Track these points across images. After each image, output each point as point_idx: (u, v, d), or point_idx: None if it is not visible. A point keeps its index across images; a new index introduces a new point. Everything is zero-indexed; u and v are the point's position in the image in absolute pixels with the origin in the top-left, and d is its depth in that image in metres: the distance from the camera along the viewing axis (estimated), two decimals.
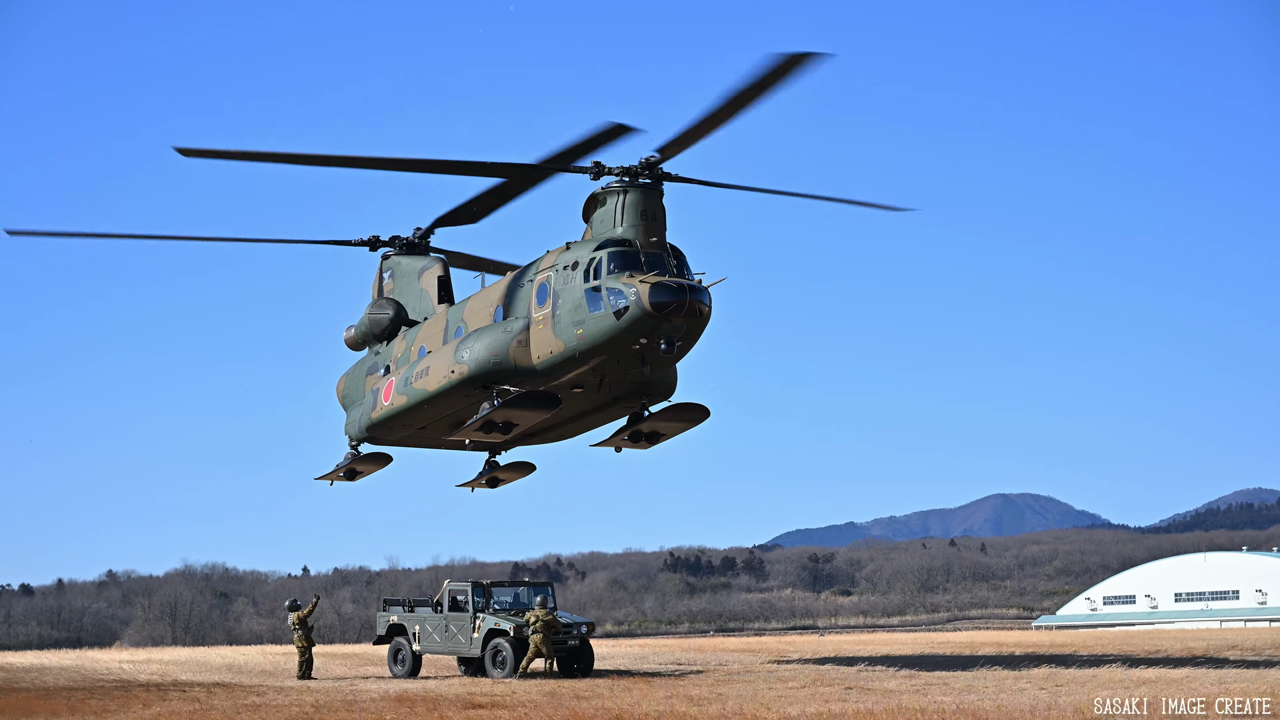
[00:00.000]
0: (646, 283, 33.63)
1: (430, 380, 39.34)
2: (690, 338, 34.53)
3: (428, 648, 40.49)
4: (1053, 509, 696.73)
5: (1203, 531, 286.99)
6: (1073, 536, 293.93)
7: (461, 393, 38.43)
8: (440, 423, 40.85)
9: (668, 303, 33.44)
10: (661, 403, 38.51)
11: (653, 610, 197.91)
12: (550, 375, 36.57)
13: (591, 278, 34.67)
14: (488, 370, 37.26)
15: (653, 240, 34.85)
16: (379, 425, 42.46)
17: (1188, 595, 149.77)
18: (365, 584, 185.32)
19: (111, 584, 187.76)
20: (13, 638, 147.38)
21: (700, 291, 33.98)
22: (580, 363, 35.72)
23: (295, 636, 39.76)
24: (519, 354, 36.66)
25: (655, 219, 35.10)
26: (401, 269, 44.60)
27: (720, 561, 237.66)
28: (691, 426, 38.92)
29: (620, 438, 39.10)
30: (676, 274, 34.36)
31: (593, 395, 37.98)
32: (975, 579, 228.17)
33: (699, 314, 33.92)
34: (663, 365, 35.97)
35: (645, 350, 34.63)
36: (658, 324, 33.69)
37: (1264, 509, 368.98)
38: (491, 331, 37.55)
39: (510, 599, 40.22)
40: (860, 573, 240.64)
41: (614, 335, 34.35)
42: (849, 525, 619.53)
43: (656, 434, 38.90)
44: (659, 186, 35.33)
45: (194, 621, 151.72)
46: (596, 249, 34.87)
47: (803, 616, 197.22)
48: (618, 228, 35.11)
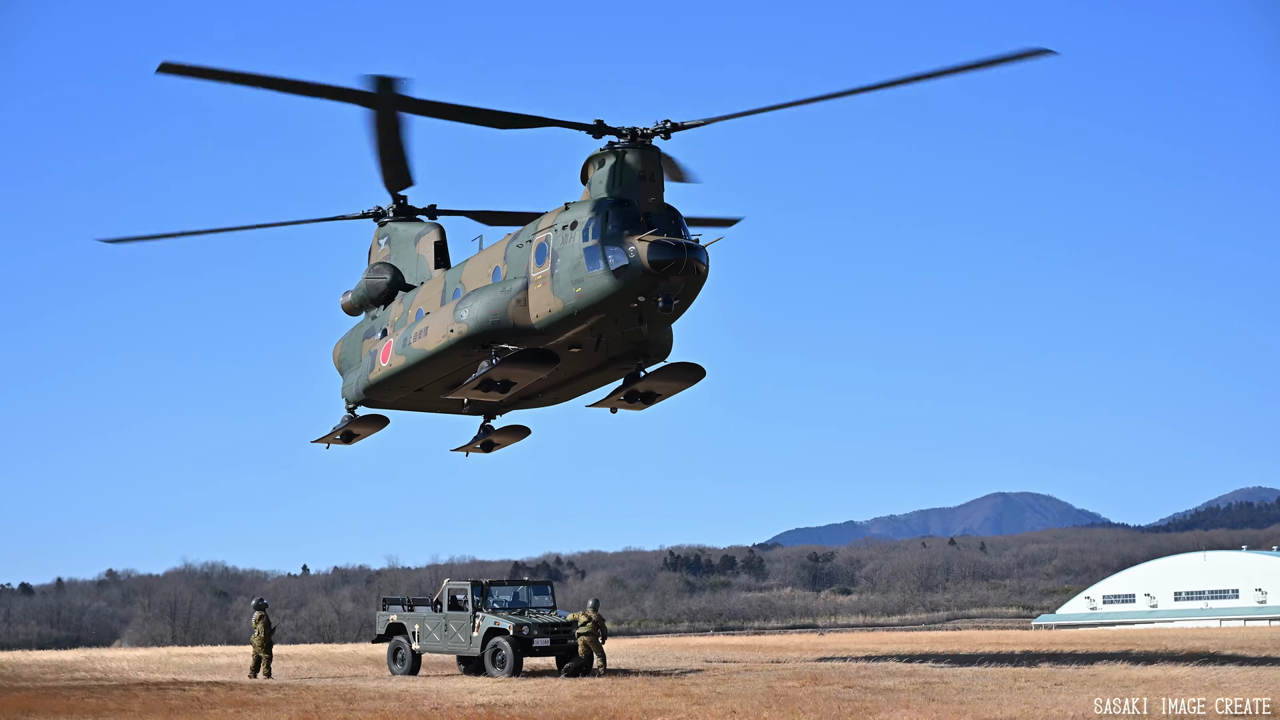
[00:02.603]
0: (645, 241, 34.01)
1: (429, 340, 39.58)
2: (688, 296, 34.98)
3: (427, 647, 40.49)
4: (1052, 508, 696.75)
5: (1202, 530, 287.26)
6: (1072, 535, 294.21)
7: (460, 352, 38.67)
8: (438, 384, 41.10)
9: (666, 260, 33.84)
10: (658, 363, 38.75)
11: (652, 609, 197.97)
12: (549, 334, 36.89)
13: (590, 237, 35.01)
14: (486, 329, 37.53)
15: (651, 200, 35.18)
16: (377, 387, 42.66)
17: (1187, 594, 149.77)
18: (365, 583, 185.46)
19: (111, 583, 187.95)
20: (12, 637, 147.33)
21: (698, 250, 34.39)
22: (579, 321, 36.06)
23: (255, 635, 39.76)
24: (518, 313, 37.01)
25: (654, 179, 35.43)
26: (398, 235, 44.93)
27: (720, 560, 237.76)
28: (687, 387, 39.15)
29: (616, 398, 39.28)
30: (675, 234, 34.68)
31: (590, 355, 38.24)
32: (975, 578, 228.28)
33: (697, 272, 34.35)
34: (660, 324, 36.46)
35: (643, 308, 35.03)
36: (656, 282, 34.10)
37: (1264, 508, 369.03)
38: (490, 291, 37.83)
39: (510, 598, 40.18)
40: (860, 572, 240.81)
41: (612, 293, 34.70)
42: (849, 524, 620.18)
43: (652, 394, 39.06)
44: (657, 148, 35.65)
45: (194, 620, 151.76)
46: (595, 208, 35.25)
47: (802, 615, 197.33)
48: (616, 188, 35.46)
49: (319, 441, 45.62)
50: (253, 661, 39.65)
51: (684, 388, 39.05)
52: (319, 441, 45.62)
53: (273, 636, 40.11)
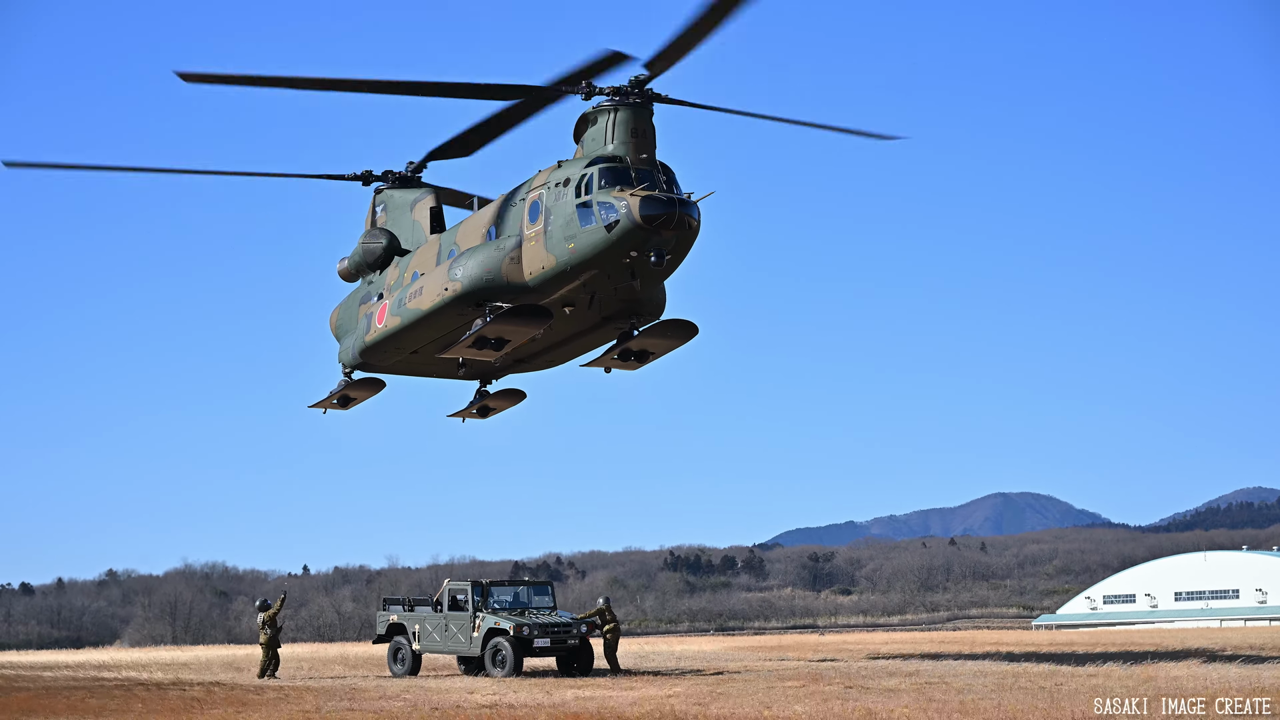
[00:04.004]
0: (637, 196, 34.36)
1: (424, 299, 39.88)
2: (679, 251, 35.21)
3: (427, 647, 40.48)
4: (1053, 508, 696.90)
5: (1203, 530, 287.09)
6: (1073, 535, 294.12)
7: (455, 310, 38.97)
8: (433, 345, 41.36)
9: (657, 215, 34.16)
10: (650, 322, 38.97)
11: (653, 609, 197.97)
12: (542, 291, 37.16)
13: (583, 193, 35.42)
14: (481, 287, 37.82)
15: (643, 157, 35.47)
16: (373, 349, 42.97)
17: (1188, 594, 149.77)
18: (365, 583, 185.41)
19: (111, 583, 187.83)
20: (13, 637, 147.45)
21: (689, 205, 34.69)
22: (572, 277, 36.35)
23: (261, 635, 39.73)
24: (511, 270, 37.33)
25: (645, 136, 35.72)
26: (394, 202, 45.23)
27: (720, 560, 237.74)
28: (680, 344, 39.46)
29: (610, 357, 39.59)
30: (666, 189, 34.91)
31: (584, 314, 38.58)
32: (975, 578, 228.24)
33: (688, 227, 34.64)
34: (653, 280, 36.67)
35: (636, 264, 35.26)
36: (648, 236, 34.40)
37: (1264, 508, 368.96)
38: (484, 249, 38.17)
39: (510, 598, 40.18)
40: (860, 572, 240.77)
41: (605, 248, 35.03)
42: (849, 524, 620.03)
43: (645, 352, 39.36)
44: (649, 105, 35.93)
45: (194, 621, 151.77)
46: (587, 165, 35.57)
47: (803, 615, 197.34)
48: (608, 145, 35.76)
49: (316, 406, 46.04)
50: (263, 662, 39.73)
51: (677, 345, 39.44)
52: (316, 406, 46.04)
53: (279, 636, 40.01)
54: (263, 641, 39.65)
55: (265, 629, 39.64)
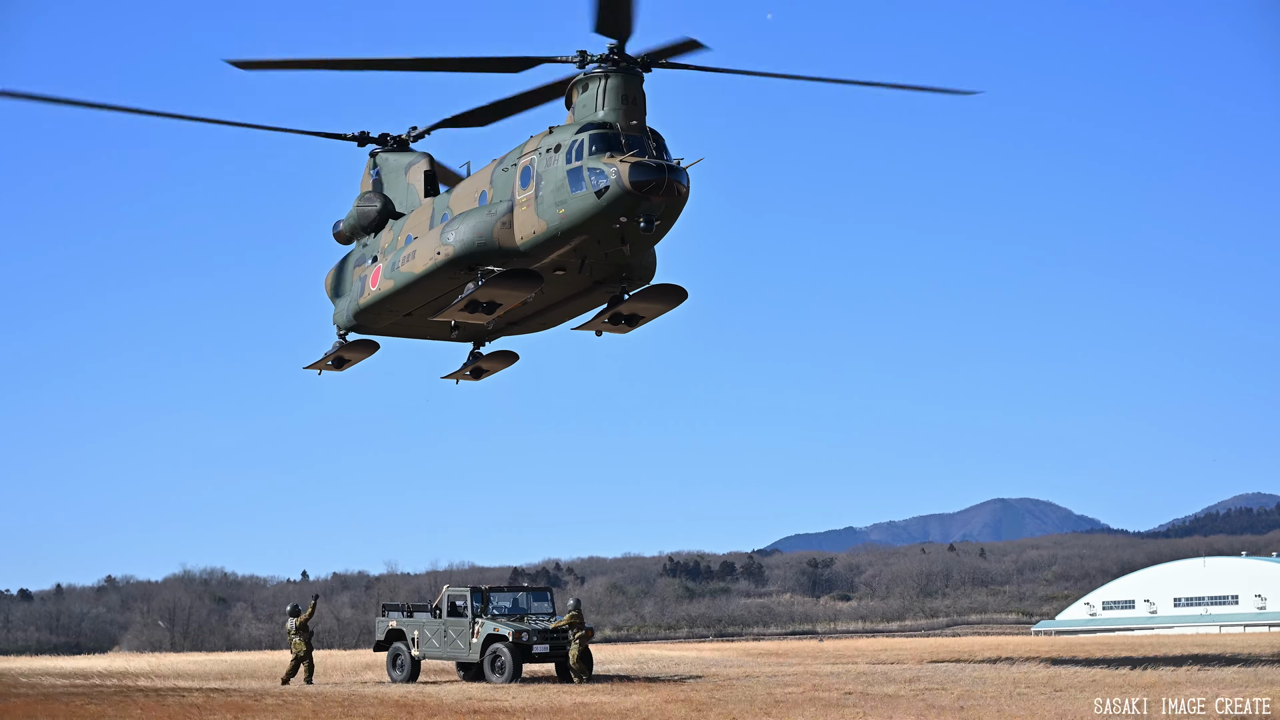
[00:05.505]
0: (626, 162, 34.63)
1: (417, 263, 40.28)
2: (669, 217, 35.49)
3: (427, 653, 40.45)
4: (1052, 514, 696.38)
5: (1202, 536, 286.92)
6: (1072, 541, 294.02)
7: (447, 274, 39.33)
8: (426, 308, 41.84)
9: (647, 181, 34.44)
10: (641, 286, 39.26)
11: (652, 615, 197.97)
12: (533, 255, 37.55)
13: (573, 159, 35.70)
14: (473, 251, 38.22)
15: (633, 123, 35.72)
16: (366, 311, 43.50)
17: (1187, 600, 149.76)
18: (364, 589, 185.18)
19: (110, 589, 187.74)
20: (11, 643, 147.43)
21: (679, 172, 34.93)
22: (563, 242, 36.71)
23: (294, 642, 39.65)
24: (503, 235, 37.76)
25: (636, 103, 35.98)
26: (389, 165, 45.72)
27: (719, 566, 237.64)
28: (671, 308, 39.82)
29: (601, 320, 39.93)
30: (656, 156, 35.17)
31: (574, 278, 38.96)
32: (974, 584, 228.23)
33: (677, 193, 34.91)
34: (642, 245, 36.98)
35: (625, 230, 35.55)
36: (637, 202, 34.69)
37: (1263, 514, 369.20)
38: (477, 214, 38.57)
39: (509, 604, 40.17)
40: (859, 578, 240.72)
41: (595, 214, 35.34)
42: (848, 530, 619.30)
43: (636, 316, 39.74)
44: (639, 73, 36.15)
45: (192, 626, 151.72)
46: (578, 131, 35.85)
47: (802, 621, 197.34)
48: (599, 112, 36.05)
49: (311, 367, 46.63)
50: (289, 666, 39.73)
51: (667, 309, 39.80)
52: (311, 367, 46.63)
53: (311, 640, 39.88)
54: (294, 649, 39.45)
55: (295, 635, 39.54)
